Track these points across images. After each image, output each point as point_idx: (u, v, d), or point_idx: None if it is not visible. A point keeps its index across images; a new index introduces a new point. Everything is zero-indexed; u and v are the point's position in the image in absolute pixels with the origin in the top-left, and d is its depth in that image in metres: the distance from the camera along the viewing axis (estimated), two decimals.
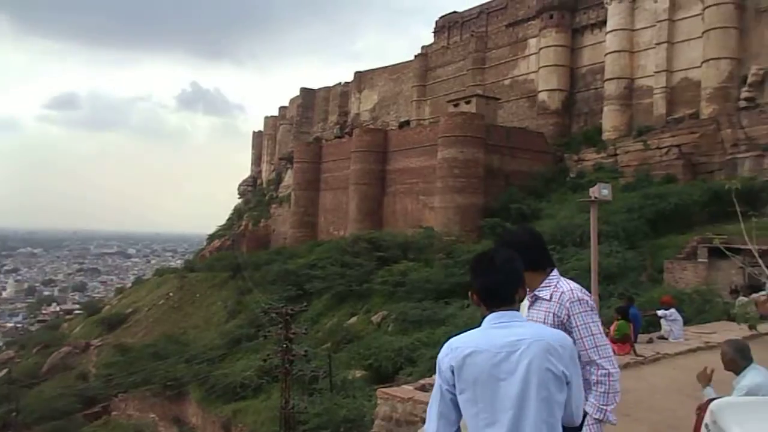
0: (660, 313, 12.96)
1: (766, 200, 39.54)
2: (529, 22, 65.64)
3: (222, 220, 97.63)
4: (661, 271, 32.59)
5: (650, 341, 12.17)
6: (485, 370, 2.30)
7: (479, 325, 2.50)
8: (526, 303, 3.23)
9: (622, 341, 10.88)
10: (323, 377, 27.87)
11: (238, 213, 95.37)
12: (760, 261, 8.51)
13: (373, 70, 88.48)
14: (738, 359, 4.80)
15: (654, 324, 14.83)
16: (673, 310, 12.79)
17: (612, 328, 11.14)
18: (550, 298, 3.12)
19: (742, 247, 32.80)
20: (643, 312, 15.39)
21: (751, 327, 7.92)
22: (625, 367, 10.14)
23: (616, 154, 52.87)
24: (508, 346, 2.32)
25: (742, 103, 48.38)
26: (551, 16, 61.81)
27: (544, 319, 3.08)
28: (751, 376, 4.66)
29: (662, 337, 12.51)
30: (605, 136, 55.83)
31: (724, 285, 25.12)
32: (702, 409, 3.69)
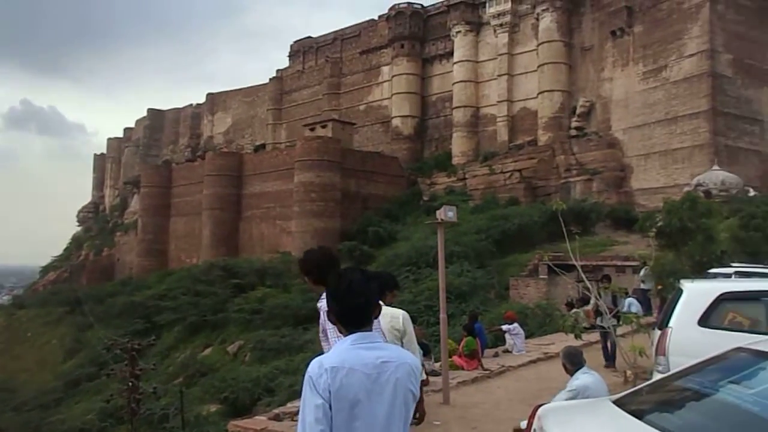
0: (504, 327, 13.53)
1: (595, 220, 43.71)
2: (382, 51, 67.86)
3: (58, 250, 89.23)
4: (507, 288, 34.48)
5: (496, 355, 12.61)
6: (362, 389, 2.33)
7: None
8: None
9: (471, 357, 11.14)
10: (175, 415, 25.96)
11: (77, 242, 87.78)
12: (583, 276, 9.20)
13: (226, 92, 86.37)
14: (567, 364, 5.06)
15: (500, 338, 15.46)
16: (515, 325, 13.41)
17: (461, 344, 11.38)
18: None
19: (579, 263, 35.88)
20: (489, 327, 16.01)
21: (577, 336, 8.46)
22: (474, 381, 10.36)
23: (465, 178, 55.80)
24: (379, 367, 2.37)
25: (573, 132, 53.40)
26: (402, 46, 64.40)
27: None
28: (580, 379, 4.96)
29: (507, 351, 13.03)
30: (455, 160, 58.79)
31: (562, 299, 27.02)
32: (532, 416, 3.77)
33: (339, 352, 2.44)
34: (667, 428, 2.60)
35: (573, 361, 5.22)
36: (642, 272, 19.10)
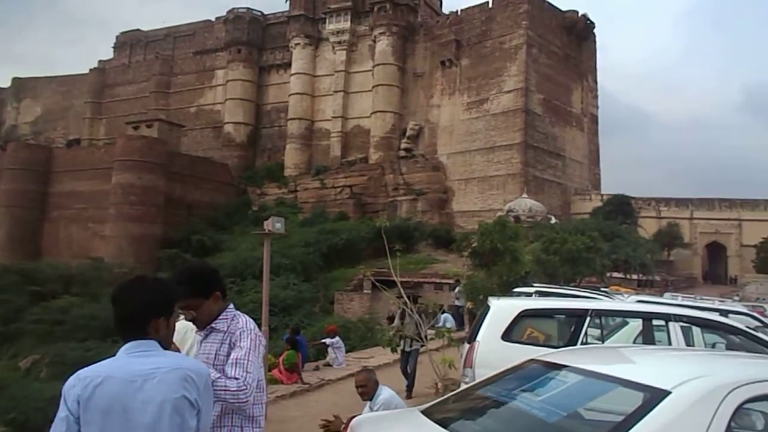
0: (326, 341, 13.55)
1: (418, 238, 45.95)
2: (217, 53, 65.76)
3: None
4: (332, 302, 34.83)
5: (317, 369, 12.56)
6: (118, 399, 2.22)
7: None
8: (198, 337, 3.21)
9: (291, 370, 10.97)
10: None
11: None
12: (402, 291, 9.62)
13: (37, 79, 77.88)
14: (368, 384, 5.20)
15: (324, 352, 15.44)
16: (337, 338, 13.49)
17: (281, 358, 11.18)
18: (227, 329, 3.04)
19: (399, 279, 37.36)
20: (312, 341, 15.95)
21: (393, 350, 8.77)
22: (292, 395, 10.20)
23: (296, 191, 55.73)
24: (145, 375, 2.26)
25: (402, 153, 55.86)
26: (239, 51, 62.96)
27: (218, 350, 2.99)
28: (385, 392, 5.13)
29: (328, 364, 13.05)
30: (287, 172, 58.50)
31: (385, 313, 27.84)
32: (345, 427, 3.76)
33: (104, 362, 2.36)
34: None
35: (375, 379, 5.42)
36: (456, 289, 20.26)
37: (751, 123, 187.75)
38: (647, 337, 6.43)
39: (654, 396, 2.31)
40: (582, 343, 6.19)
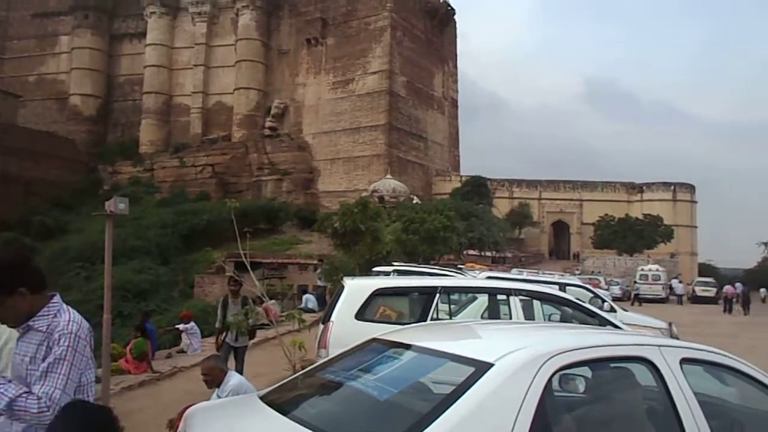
0: (180, 327, 12.95)
1: (284, 218, 45.39)
2: (61, 17, 59.92)
3: None
4: (192, 285, 33.49)
5: (169, 356, 11.96)
6: None
7: None
8: (14, 333, 2.74)
9: (140, 359, 10.35)
10: None
11: None
12: (252, 275, 8.84)
13: None
14: (215, 370, 5.01)
15: (180, 338, 14.79)
16: (192, 324, 12.93)
17: (129, 346, 10.52)
18: (47, 329, 2.60)
19: (263, 261, 36.72)
20: (165, 327, 15.21)
21: (242, 334, 8.35)
22: (141, 385, 9.62)
23: (153, 169, 52.65)
24: None
25: (267, 131, 54.66)
26: (86, 16, 57.81)
27: (35, 352, 2.57)
28: (235, 377, 4.98)
29: (182, 351, 12.49)
30: (143, 149, 55.05)
31: (247, 296, 27.26)
32: (179, 418, 3.57)
33: None
34: (304, 419, 2.64)
35: (220, 367, 5.21)
36: (318, 270, 20.28)
37: (591, 112, 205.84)
38: (493, 312, 6.77)
39: (479, 369, 2.39)
40: (432, 319, 6.39)
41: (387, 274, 12.72)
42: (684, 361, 2.67)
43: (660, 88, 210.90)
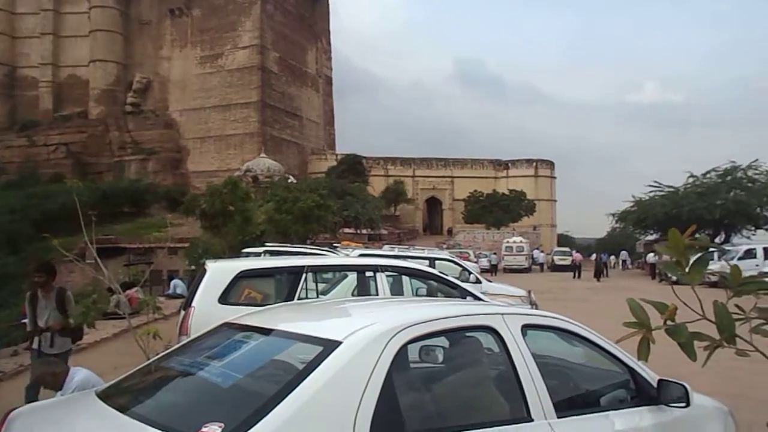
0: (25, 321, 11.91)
1: (151, 201, 43.02)
2: None
3: None
4: None
5: (15, 353, 10.97)
6: None
7: None
8: None
9: None
10: None
11: None
12: (100, 263, 7.41)
13: None
14: (53, 374, 4.48)
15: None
16: None
17: None
18: None
19: (129, 246, 34.63)
20: (13, 323, 13.92)
21: (89, 325, 7.59)
22: None
23: None
24: None
25: (129, 108, 51.23)
26: None
27: None
28: (81, 373, 4.54)
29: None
30: None
31: (65, 287, 25.62)
32: (1, 423, 3.20)
33: None
34: (142, 414, 2.44)
35: (54, 371, 4.56)
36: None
37: (462, 92, 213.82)
38: (362, 289, 6.78)
39: (327, 347, 2.35)
40: (299, 299, 6.31)
41: (258, 255, 12.43)
42: (525, 327, 2.78)
43: (526, 71, 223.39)
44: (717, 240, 31.89)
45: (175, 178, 48.39)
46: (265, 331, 2.83)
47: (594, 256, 32.84)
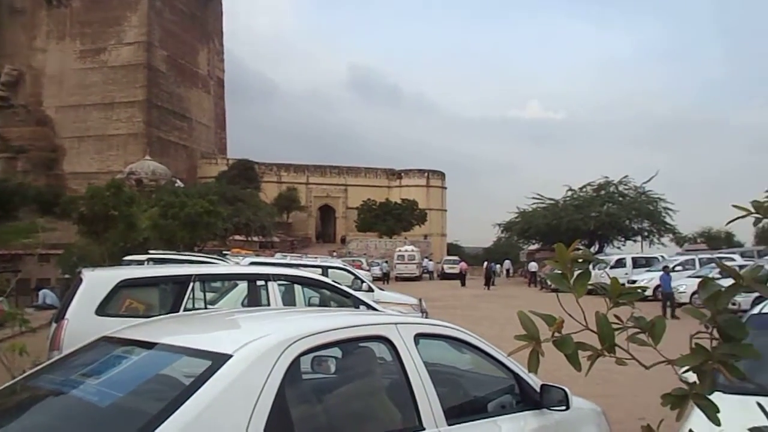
0: None
1: (20, 203, 39.68)
2: None
3: None
4: None
5: None
6: None
7: None
8: None
9: None
10: None
11: None
12: None
13: None
14: None
15: None
16: None
17: None
18: None
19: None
20: None
21: None
22: None
23: None
24: None
25: None
26: None
27: None
28: None
29: None
30: None
31: None
32: None
33: None
34: None
35: None
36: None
37: (356, 99, 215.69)
38: (253, 299, 6.61)
39: (216, 361, 2.26)
40: (186, 310, 6.05)
41: (141, 263, 11.81)
42: (418, 336, 2.83)
43: (419, 81, 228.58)
44: (592, 250, 34.29)
45: (48, 179, 45.00)
46: (148, 345, 2.68)
47: (485, 265, 34.23)
